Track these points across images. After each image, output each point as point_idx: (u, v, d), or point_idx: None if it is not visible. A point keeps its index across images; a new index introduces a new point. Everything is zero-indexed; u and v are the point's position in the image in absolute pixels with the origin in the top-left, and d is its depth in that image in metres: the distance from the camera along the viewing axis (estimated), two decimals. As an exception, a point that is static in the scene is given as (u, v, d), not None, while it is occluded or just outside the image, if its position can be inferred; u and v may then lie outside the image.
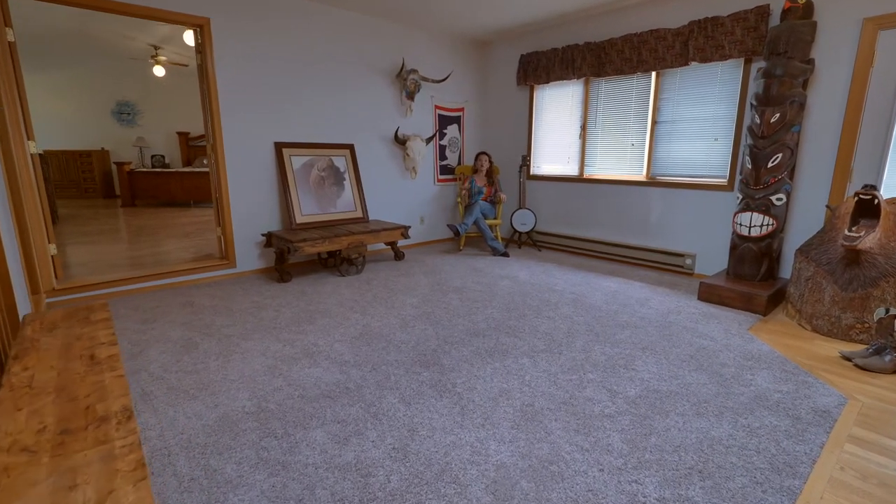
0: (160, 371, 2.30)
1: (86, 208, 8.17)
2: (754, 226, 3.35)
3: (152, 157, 9.43)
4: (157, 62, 7.44)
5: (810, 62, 3.18)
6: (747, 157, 3.35)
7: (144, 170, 8.62)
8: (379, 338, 2.71)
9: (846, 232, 2.73)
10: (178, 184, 8.61)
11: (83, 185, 9.50)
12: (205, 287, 3.72)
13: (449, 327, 2.87)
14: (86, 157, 9.31)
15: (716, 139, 3.89)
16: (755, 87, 3.32)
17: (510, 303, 3.34)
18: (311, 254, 4.27)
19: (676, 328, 2.87)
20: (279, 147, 4.13)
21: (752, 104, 3.34)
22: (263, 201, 4.14)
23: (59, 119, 9.05)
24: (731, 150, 3.78)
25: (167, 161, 9.63)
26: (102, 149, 9.41)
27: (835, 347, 2.62)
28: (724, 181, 3.87)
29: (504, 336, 2.74)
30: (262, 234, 4.02)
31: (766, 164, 3.24)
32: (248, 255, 4.12)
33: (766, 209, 3.28)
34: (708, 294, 3.41)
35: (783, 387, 2.15)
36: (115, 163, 8.82)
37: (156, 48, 7.30)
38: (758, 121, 3.25)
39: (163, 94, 9.54)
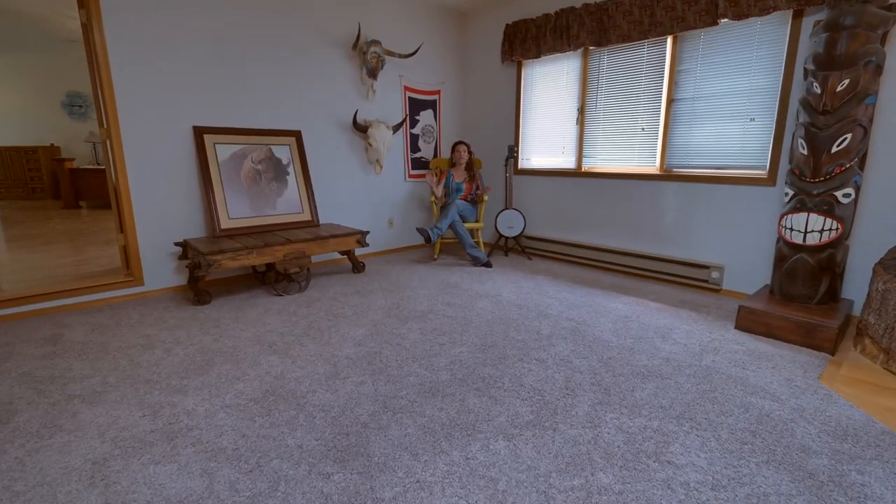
0: (-86, 473, 1.43)
1: (20, 211, 7.25)
2: (812, 231, 2.51)
3: (106, 153, 8.50)
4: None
5: (892, 8, 2.35)
6: (801, 140, 2.52)
7: (90, 167, 7.70)
8: (289, 400, 1.85)
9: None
10: (129, 182, 7.70)
11: (30, 184, 8.58)
12: (92, 313, 2.85)
13: (396, 379, 2.02)
14: (31, 154, 8.39)
15: (751, 119, 3.05)
16: (813, 45, 2.50)
17: (488, 336, 2.49)
18: (233, 269, 3.42)
19: (719, 378, 2.03)
20: (199, 132, 3.26)
21: (807, 69, 2.51)
22: (180, 201, 3.26)
23: (2, 111, 8.13)
24: (773, 132, 2.95)
25: (123, 158, 8.70)
26: (52, 144, 8.48)
27: (957, 412, 1.79)
28: (762, 173, 3.04)
29: (473, 396, 1.88)
30: (176, 244, 3.15)
31: (830, 149, 2.41)
32: (161, 270, 3.24)
33: (829, 209, 2.45)
34: (750, 321, 2.57)
35: (919, 501, 1.32)
36: (54, 159, 7.87)
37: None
38: (818, 90, 2.42)
39: (117, 85, 8.61)
